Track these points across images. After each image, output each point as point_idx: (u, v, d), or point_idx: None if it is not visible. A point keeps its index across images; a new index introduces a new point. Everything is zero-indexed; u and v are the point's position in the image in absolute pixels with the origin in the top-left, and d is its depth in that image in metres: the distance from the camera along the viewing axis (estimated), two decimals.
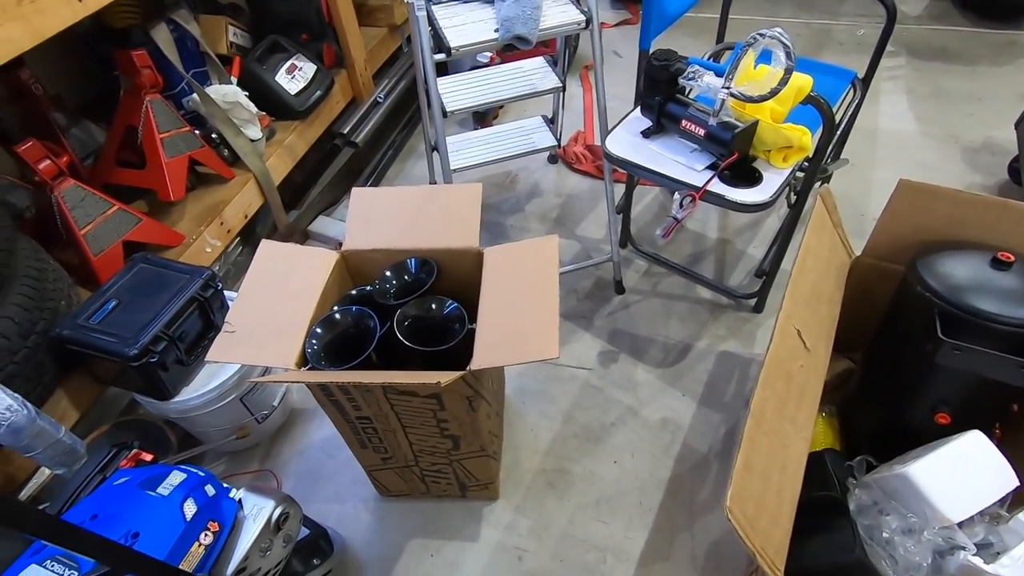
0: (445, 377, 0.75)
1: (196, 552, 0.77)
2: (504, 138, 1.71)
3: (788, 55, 0.99)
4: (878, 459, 1.00)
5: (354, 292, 1.04)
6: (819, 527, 0.87)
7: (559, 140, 1.73)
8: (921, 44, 2.43)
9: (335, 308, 0.97)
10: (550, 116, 1.78)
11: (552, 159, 2.06)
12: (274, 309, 0.95)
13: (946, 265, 0.96)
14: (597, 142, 2.08)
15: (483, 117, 2.19)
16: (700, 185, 1.11)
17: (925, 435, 0.98)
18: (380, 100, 1.96)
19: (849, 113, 1.49)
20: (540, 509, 1.21)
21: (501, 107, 2.28)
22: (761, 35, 1.00)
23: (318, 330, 0.93)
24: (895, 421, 1.09)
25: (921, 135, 2.03)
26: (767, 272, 1.46)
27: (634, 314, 1.56)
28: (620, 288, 1.61)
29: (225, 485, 0.89)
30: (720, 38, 1.59)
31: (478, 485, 1.17)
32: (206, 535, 0.79)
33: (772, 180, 1.12)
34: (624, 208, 1.66)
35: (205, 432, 1.25)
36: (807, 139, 1.09)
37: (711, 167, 1.14)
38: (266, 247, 1.02)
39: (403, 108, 2.14)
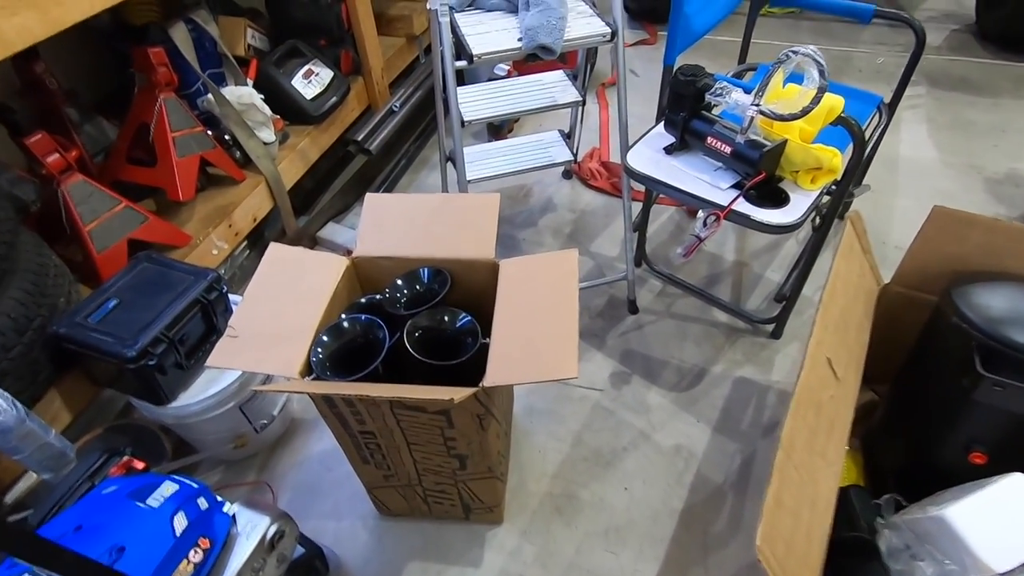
0: (458, 394, 0.71)
1: (184, 570, 0.73)
2: (520, 151, 1.68)
3: (822, 73, 0.96)
4: (906, 498, 0.95)
5: (363, 300, 1.00)
6: (849, 571, 0.81)
7: (576, 155, 1.70)
8: (941, 74, 2.40)
9: (343, 316, 0.93)
10: (567, 131, 1.76)
11: (567, 175, 2.03)
12: (280, 314, 0.91)
13: (984, 296, 0.92)
14: (613, 159, 2.06)
15: (498, 131, 2.17)
16: (725, 204, 1.07)
17: (957, 475, 0.93)
18: (396, 109, 1.94)
19: (875, 138, 1.46)
20: (546, 535, 1.16)
21: (516, 120, 2.26)
22: (794, 52, 0.97)
23: (324, 338, 0.89)
24: (924, 458, 1.04)
25: (942, 164, 1.99)
26: (787, 297, 1.42)
27: (648, 335, 1.51)
28: (634, 308, 1.57)
29: (219, 499, 0.85)
30: (742, 60, 1.57)
31: (482, 508, 1.12)
32: (196, 552, 0.75)
33: (799, 202, 1.08)
34: (640, 226, 1.63)
35: (202, 440, 1.20)
36: (837, 160, 1.06)
37: (736, 186, 1.11)
38: (274, 250, 0.99)
39: (418, 119, 2.12)
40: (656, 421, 1.33)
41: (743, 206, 1.07)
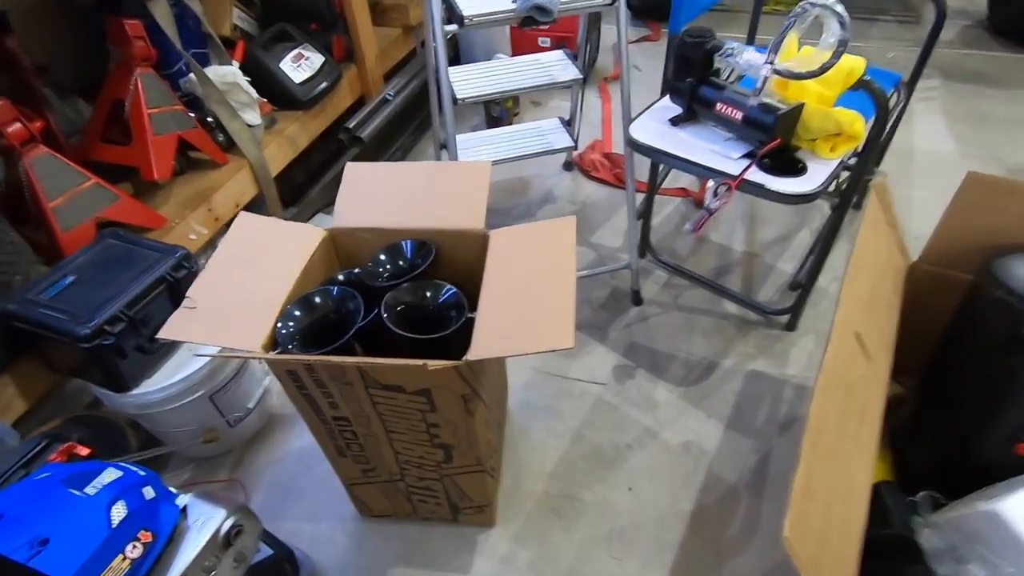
0: (434, 363, 0.62)
1: (119, 567, 0.63)
2: (518, 137, 1.61)
3: (842, 25, 0.87)
4: (944, 498, 0.85)
5: (340, 276, 0.91)
6: (889, 574, 0.71)
7: (576, 142, 1.62)
8: (955, 68, 2.33)
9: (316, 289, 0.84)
10: (567, 119, 1.68)
11: (568, 166, 1.95)
12: (245, 286, 0.82)
13: None
14: (615, 150, 1.98)
15: (497, 121, 2.10)
16: (736, 174, 0.99)
17: (1001, 470, 0.82)
18: (390, 97, 1.87)
19: (894, 117, 1.37)
20: (543, 540, 1.05)
21: (516, 114, 2.19)
22: (812, 4, 0.89)
23: (294, 311, 0.80)
24: (961, 454, 0.93)
25: (961, 156, 1.91)
26: (802, 285, 1.32)
27: (653, 327, 1.42)
28: (638, 299, 1.47)
29: (172, 490, 0.75)
30: (751, 34, 1.50)
31: (472, 507, 1.01)
32: (135, 547, 0.65)
33: (818, 171, 1.00)
34: (644, 214, 1.54)
35: (168, 433, 1.11)
36: (860, 125, 0.97)
37: (748, 156, 1.02)
38: (244, 219, 0.90)
39: (414, 112, 2.05)
40: (663, 417, 1.23)
41: (756, 175, 0.98)
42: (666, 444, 1.18)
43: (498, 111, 2.09)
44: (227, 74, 1.41)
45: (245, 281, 0.83)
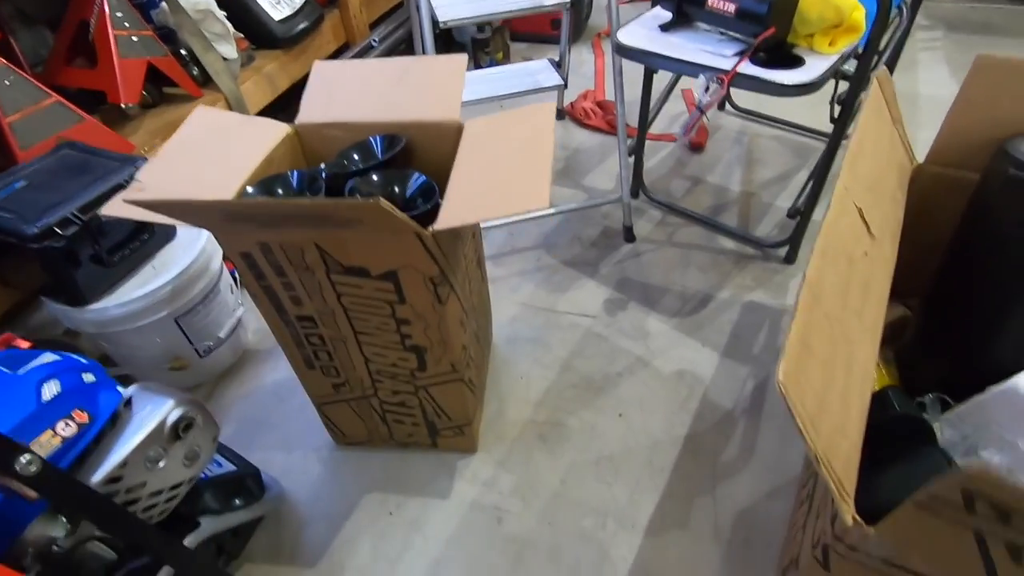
0: (388, 204, 0.55)
1: (49, 441, 0.57)
2: (505, 77, 1.54)
3: None
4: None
5: (305, 171, 0.86)
6: (897, 456, 0.65)
7: (566, 82, 1.56)
8: (959, 19, 2.26)
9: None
10: (556, 60, 1.62)
11: (559, 115, 1.89)
12: (199, 174, 0.76)
13: None
14: (609, 98, 1.92)
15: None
16: (729, 69, 0.93)
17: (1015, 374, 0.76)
18: (374, 44, 1.81)
19: (896, 38, 1.31)
20: (527, 465, 0.99)
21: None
22: None
23: (249, 190, 0.74)
24: (973, 362, 0.87)
25: None
26: (801, 212, 1.26)
27: (646, 263, 1.36)
28: (630, 236, 1.41)
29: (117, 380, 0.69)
30: None
31: (451, 428, 0.95)
32: (67, 425, 0.59)
33: (817, 63, 0.93)
34: (636, 150, 1.48)
35: (132, 357, 1.05)
36: (860, 14, 0.91)
37: (742, 53, 0.96)
38: (201, 113, 0.84)
39: None
40: (656, 347, 1.17)
41: (752, 69, 0.92)
42: (659, 372, 1.12)
43: (487, 61, 2.03)
44: (199, 2, 1.35)
45: (199, 170, 0.77)
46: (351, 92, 0.89)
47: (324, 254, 0.69)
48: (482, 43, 2.06)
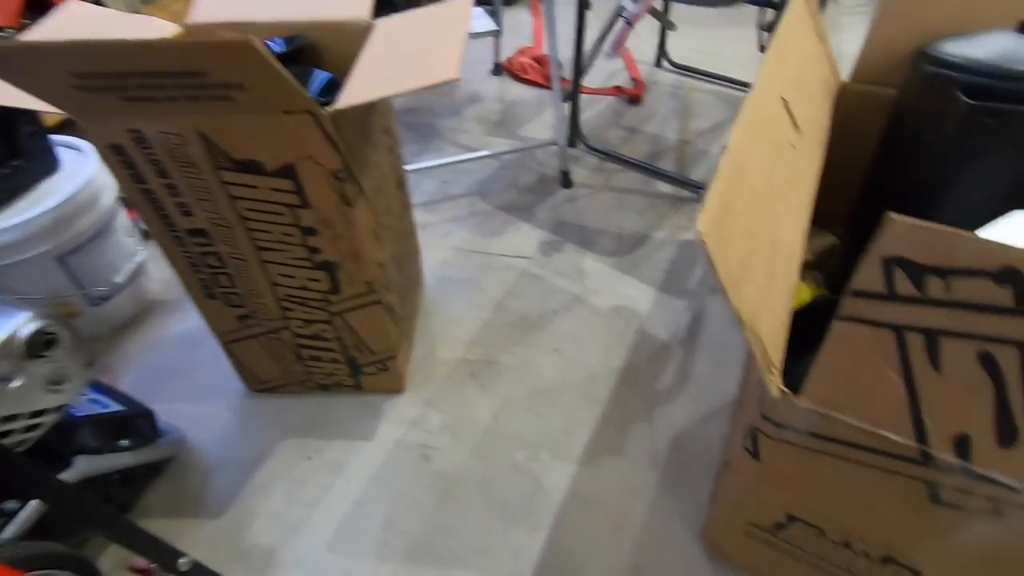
0: (258, 43, 0.49)
1: None
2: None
3: None
4: None
5: None
6: (822, 339, 0.63)
7: (500, 28, 1.51)
8: None
9: None
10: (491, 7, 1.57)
11: (496, 70, 1.84)
12: None
13: (963, 45, 0.76)
14: (547, 53, 1.88)
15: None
16: None
17: None
18: None
19: None
20: (458, 403, 0.94)
21: None
22: None
23: None
24: None
25: None
26: None
27: (583, 207, 1.32)
28: (567, 181, 1.38)
29: None
30: None
31: (374, 363, 0.89)
32: None
33: None
34: (572, 96, 1.45)
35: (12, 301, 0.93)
36: None
37: None
38: (74, 6, 0.74)
39: None
40: (592, 285, 1.13)
41: None
42: (596, 309, 1.09)
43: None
44: None
45: None
46: None
47: (209, 144, 0.61)
48: None
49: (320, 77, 0.72)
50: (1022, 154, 0.68)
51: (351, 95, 0.58)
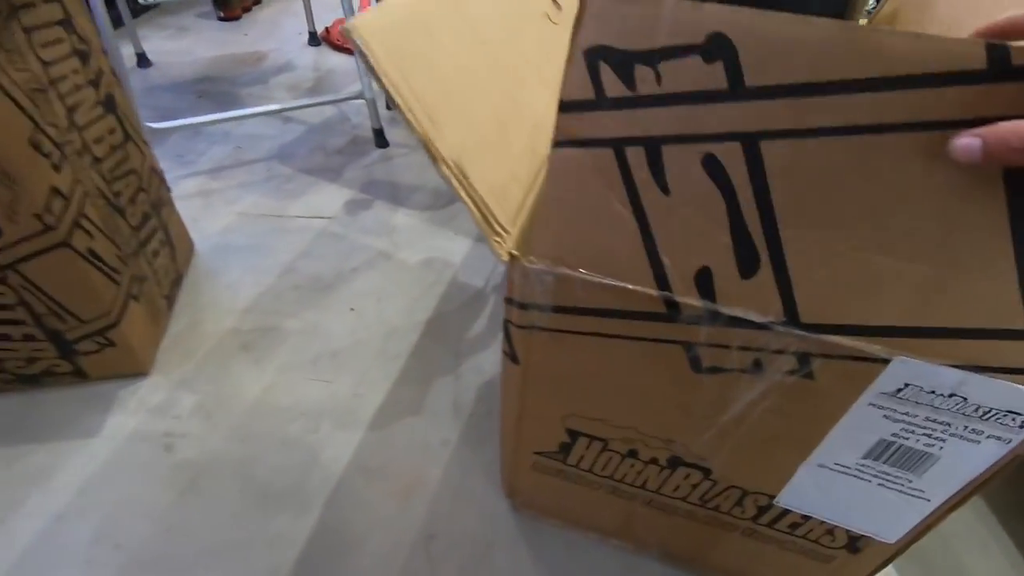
0: None
1: None
2: None
3: None
4: None
5: None
6: None
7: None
8: None
9: None
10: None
11: (314, 40, 1.69)
12: None
13: None
14: None
15: (227, 5, 1.77)
16: None
17: None
18: None
19: None
20: (220, 380, 0.76)
21: (258, 2, 1.88)
22: None
23: None
24: None
25: None
26: None
27: (398, 166, 1.20)
28: (382, 141, 1.25)
29: None
30: None
31: (89, 336, 0.69)
32: None
33: None
34: None
35: None
36: None
37: None
38: None
39: None
40: (402, 240, 1.00)
41: None
42: (404, 263, 0.96)
43: None
44: None
45: None
46: None
47: None
48: None
49: None
50: None
51: None
